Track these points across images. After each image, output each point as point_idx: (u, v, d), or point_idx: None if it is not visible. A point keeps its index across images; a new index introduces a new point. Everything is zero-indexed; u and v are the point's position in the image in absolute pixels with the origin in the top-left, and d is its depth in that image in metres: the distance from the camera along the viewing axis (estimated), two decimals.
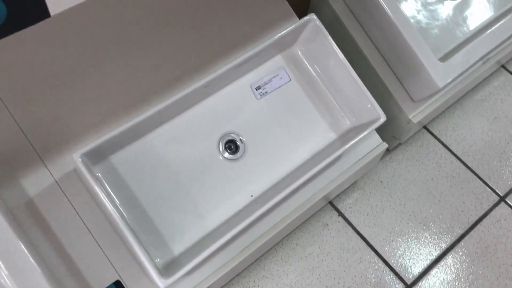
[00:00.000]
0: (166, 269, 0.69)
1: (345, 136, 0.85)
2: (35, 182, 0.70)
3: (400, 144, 1.08)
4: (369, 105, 0.81)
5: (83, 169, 0.64)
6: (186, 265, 0.67)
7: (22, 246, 0.60)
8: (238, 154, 0.81)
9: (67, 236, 0.71)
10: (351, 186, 1.03)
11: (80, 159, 0.65)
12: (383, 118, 0.80)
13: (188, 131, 0.78)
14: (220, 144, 0.80)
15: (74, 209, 0.71)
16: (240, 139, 0.81)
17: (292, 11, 0.90)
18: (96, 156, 0.70)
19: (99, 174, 0.71)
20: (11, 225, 0.60)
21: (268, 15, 0.87)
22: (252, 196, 0.79)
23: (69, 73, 0.73)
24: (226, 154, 0.80)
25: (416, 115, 0.95)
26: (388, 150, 1.08)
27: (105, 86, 0.75)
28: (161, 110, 0.71)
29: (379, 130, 1.07)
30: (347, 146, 0.78)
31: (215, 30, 0.83)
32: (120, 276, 0.72)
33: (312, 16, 0.80)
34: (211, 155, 0.79)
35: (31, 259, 0.60)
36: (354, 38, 0.96)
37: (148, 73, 0.78)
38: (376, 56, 0.96)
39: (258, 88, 0.84)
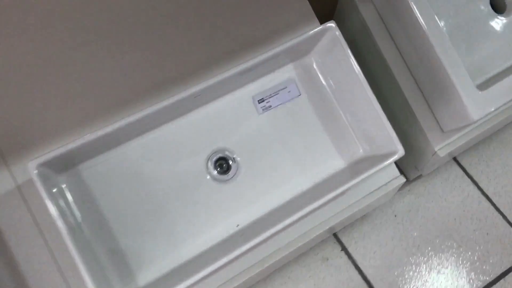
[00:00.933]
0: None
1: (355, 167, 0.73)
2: None
3: (422, 175, 0.95)
4: (386, 135, 0.69)
5: (36, 181, 0.55)
6: None
7: None
8: (229, 175, 0.70)
9: (21, 248, 0.62)
10: (360, 219, 0.91)
11: (36, 170, 0.55)
12: (400, 153, 0.68)
13: (174, 143, 0.68)
14: (210, 161, 0.70)
15: (34, 219, 0.63)
16: (234, 158, 0.71)
17: (313, 14, 0.78)
18: (61, 164, 0.61)
19: (64, 185, 0.62)
20: None
21: (286, 16, 0.76)
22: (238, 225, 0.69)
23: (41, 68, 0.64)
24: (215, 174, 0.70)
25: (443, 147, 0.82)
26: (407, 180, 0.96)
27: (84, 84, 0.66)
28: (141, 118, 0.62)
29: (399, 158, 0.95)
30: (355, 181, 0.67)
31: (220, 28, 0.72)
32: None
33: (331, 25, 0.68)
34: (198, 173, 0.69)
35: None
36: (382, 51, 0.83)
37: (136, 72, 0.68)
38: (405, 75, 0.83)
39: (261, 100, 0.73)
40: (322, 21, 0.78)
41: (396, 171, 0.79)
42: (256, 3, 0.76)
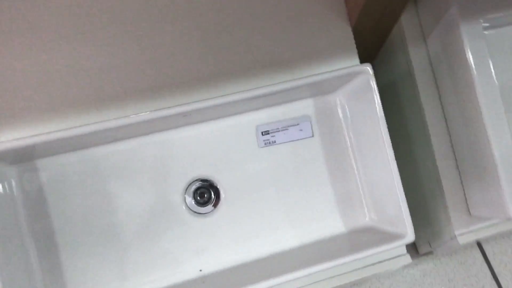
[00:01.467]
0: None
1: (355, 236, 0.62)
2: None
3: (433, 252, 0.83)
4: (399, 213, 0.57)
5: None
6: None
7: None
8: (207, 208, 0.61)
9: None
10: (354, 285, 0.79)
11: None
12: (409, 239, 0.56)
13: (153, 158, 0.59)
14: (189, 188, 0.60)
15: None
16: (217, 189, 0.61)
17: (354, 47, 0.66)
18: (15, 156, 0.52)
19: (12, 181, 0.54)
20: None
21: (323, 43, 0.64)
22: (201, 270, 0.59)
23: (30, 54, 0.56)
24: (192, 203, 0.60)
25: (465, 234, 0.70)
26: (416, 252, 0.84)
27: (71, 68, 0.57)
28: (116, 127, 0.52)
29: (415, 226, 0.82)
30: (352, 258, 0.56)
31: (243, 39, 0.62)
32: None
33: (366, 68, 0.57)
34: (172, 198, 0.59)
35: None
36: (422, 103, 0.71)
37: (133, 68, 0.58)
38: (442, 137, 0.71)
39: (265, 133, 0.62)
40: (364, 55, 0.67)
41: (403, 249, 0.67)
42: (294, 21, 0.64)
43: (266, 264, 0.59)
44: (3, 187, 0.53)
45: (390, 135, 0.58)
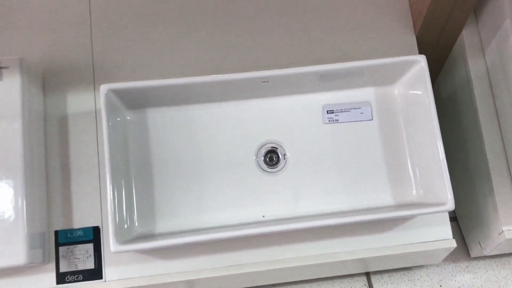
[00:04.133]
0: (134, 239, 0.65)
1: (402, 208, 0.69)
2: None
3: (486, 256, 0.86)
4: (442, 185, 0.64)
5: (102, 103, 0.63)
6: (148, 242, 0.61)
7: None
8: (274, 169, 0.72)
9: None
10: (402, 271, 0.85)
11: (105, 93, 0.63)
12: (449, 206, 0.63)
13: (235, 121, 0.72)
14: (261, 150, 0.72)
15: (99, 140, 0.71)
16: (284, 154, 0.72)
17: (416, 48, 0.77)
18: (132, 101, 0.68)
19: (128, 118, 0.70)
20: None
21: (385, 49, 0.76)
22: (263, 216, 0.70)
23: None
24: (261, 162, 0.72)
25: None
26: (469, 256, 0.87)
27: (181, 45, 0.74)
28: (209, 83, 0.66)
29: (466, 228, 0.87)
30: (399, 214, 0.65)
31: (316, 29, 0.76)
32: (102, 224, 0.69)
33: (419, 58, 0.67)
34: (247, 155, 0.72)
35: None
36: (480, 116, 0.78)
37: (231, 53, 0.74)
38: (496, 144, 0.77)
39: (330, 111, 0.73)
40: (432, 69, 0.75)
41: (449, 232, 0.73)
42: (361, 25, 0.77)
43: (319, 218, 0.68)
44: (120, 124, 0.68)
45: (444, 136, 0.66)
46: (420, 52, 0.77)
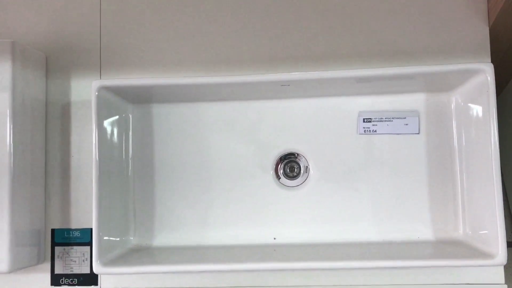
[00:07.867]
0: (127, 252, 0.58)
1: (443, 248, 0.57)
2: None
3: None
4: (494, 232, 0.51)
5: (93, 102, 0.55)
6: (137, 267, 0.54)
7: None
8: (293, 183, 0.62)
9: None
10: None
11: (96, 92, 0.55)
12: (499, 260, 0.50)
13: (253, 123, 0.62)
14: (280, 159, 0.62)
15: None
16: (307, 167, 0.61)
17: (488, 50, 0.61)
18: (135, 96, 0.60)
19: (130, 116, 0.62)
20: None
21: (453, 39, 0.61)
22: (275, 238, 0.60)
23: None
24: (280, 174, 0.62)
25: None
26: None
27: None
28: (221, 84, 0.56)
29: None
30: (442, 263, 0.52)
31: (356, 13, 0.62)
32: None
33: (485, 67, 0.52)
34: (262, 165, 0.62)
35: None
36: None
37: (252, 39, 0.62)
38: None
39: (367, 120, 0.60)
40: (502, 73, 0.60)
41: (501, 276, 0.60)
42: (427, 11, 0.62)
43: (341, 249, 0.58)
44: (122, 119, 0.60)
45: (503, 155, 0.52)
46: (492, 48, 0.60)
